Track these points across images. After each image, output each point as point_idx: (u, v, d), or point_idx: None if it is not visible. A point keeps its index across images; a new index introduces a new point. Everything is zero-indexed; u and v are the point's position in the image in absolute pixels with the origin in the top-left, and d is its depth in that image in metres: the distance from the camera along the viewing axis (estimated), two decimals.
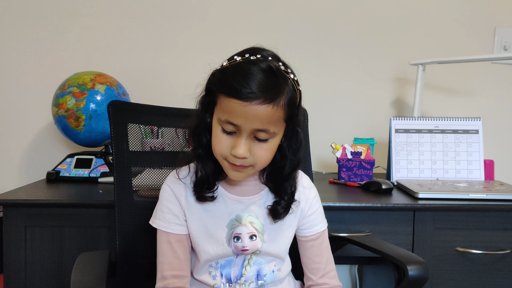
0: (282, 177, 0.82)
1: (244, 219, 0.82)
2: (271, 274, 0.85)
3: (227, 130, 0.73)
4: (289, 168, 0.81)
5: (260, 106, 0.70)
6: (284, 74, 0.73)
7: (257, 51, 0.75)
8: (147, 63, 1.71)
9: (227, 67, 0.74)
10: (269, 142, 0.75)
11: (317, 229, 0.89)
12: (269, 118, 0.71)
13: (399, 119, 1.50)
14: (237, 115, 0.70)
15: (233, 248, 0.82)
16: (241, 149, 0.72)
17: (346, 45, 1.74)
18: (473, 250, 1.16)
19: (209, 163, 0.81)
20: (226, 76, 0.72)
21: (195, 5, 1.70)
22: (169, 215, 0.83)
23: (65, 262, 1.14)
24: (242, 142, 0.72)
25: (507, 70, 1.76)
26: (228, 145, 0.74)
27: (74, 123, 1.37)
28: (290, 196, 0.84)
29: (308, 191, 0.89)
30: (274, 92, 0.71)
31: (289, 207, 0.84)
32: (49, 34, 1.67)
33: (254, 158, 0.74)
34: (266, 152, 0.75)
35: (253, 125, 0.71)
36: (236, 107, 0.70)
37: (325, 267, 0.89)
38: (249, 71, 0.71)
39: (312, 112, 1.16)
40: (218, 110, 0.74)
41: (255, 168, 0.77)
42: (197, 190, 0.81)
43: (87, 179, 1.38)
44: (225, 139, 0.74)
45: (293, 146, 0.80)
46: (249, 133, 0.72)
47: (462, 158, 1.47)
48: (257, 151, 0.74)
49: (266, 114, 0.70)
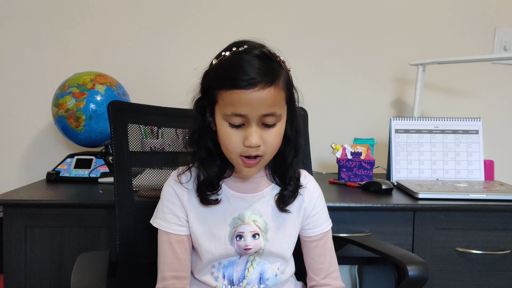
0: (286, 164, 0.82)
1: (247, 218, 0.82)
2: (273, 278, 0.84)
3: (235, 123, 0.73)
4: (292, 153, 0.82)
5: (263, 90, 0.71)
6: (276, 57, 0.75)
7: (242, 43, 0.76)
8: (147, 63, 1.71)
9: (221, 62, 0.74)
10: (277, 126, 0.75)
11: (321, 229, 0.89)
12: (274, 101, 0.72)
13: (399, 120, 1.50)
14: (243, 104, 0.71)
15: (235, 247, 0.81)
16: (254, 138, 0.73)
17: (346, 45, 1.74)
18: (473, 250, 1.16)
19: (212, 166, 0.80)
20: (223, 70, 0.73)
21: (196, 6, 1.70)
22: (170, 215, 0.82)
23: (65, 262, 1.14)
24: (253, 130, 0.73)
25: (507, 70, 1.76)
26: (240, 139, 0.74)
27: (74, 123, 1.38)
28: (295, 181, 0.84)
29: (313, 189, 0.89)
30: (272, 74, 0.72)
31: (296, 190, 0.84)
32: (49, 34, 1.67)
33: (265, 145, 0.75)
34: (276, 137, 0.76)
35: (260, 111, 0.72)
36: (240, 97, 0.70)
37: (328, 267, 0.89)
38: (244, 60, 0.72)
39: (312, 112, 1.16)
40: (221, 107, 0.74)
41: (265, 157, 0.77)
42: (200, 193, 0.81)
43: (87, 180, 1.38)
44: (235, 134, 0.74)
45: (295, 128, 0.81)
46: (258, 120, 0.73)
47: (462, 158, 1.47)
48: (267, 137, 0.74)
49: (270, 97, 0.72)
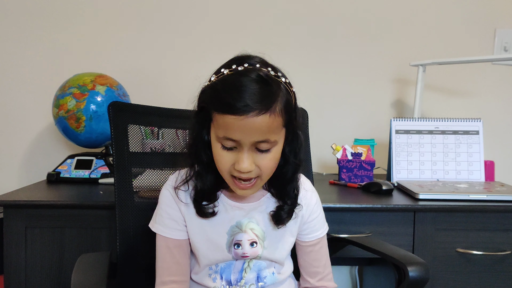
0: (285, 180, 0.80)
1: (244, 226, 0.81)
2: (271, 276, 0.85)
3: (227, 146, 0.71)
4: (292, 170, 0.79)
5: (257, 117, 0.67)
6: (276, 80, 0.71)
7: (243, 59, 0.72)
8: (147, 64, 1.71)
9: (216, 82, 0.71)
10: (271, 151, 0.73)
11: (317, 235, 0.88)
12: (268, 128, 0.69)
13: (399, 120, 1.50)
14: (235, 130, 0.68)
15: (233, 255, 0.81)
16: (245, 163, 0.70)
17: (346, 46, 1.74)
18: (473, 251, 1.16)
19: (208, 178, 0.79)
20: (217, 93, 0.69)
21: (196, 7, 1.70)
22: (168, 220, 0.82)
23: (66, 263, 1.14)
24: (245, 156, 0.70)
25: (507, 71, 1.76)
26: (231, 161, 0.72)
27: (75, 124, 1.38)
28: (293, 200, 0.82)
29: (310, 196, 0.87)
30: (268, 100, 0.68)
31: (292, 211, 0.82)
32: (50, 35, 1.67)
33: (259, 169, 0.72)
34: (270, 162, 0.73)
35: (252, 138, 0.69)
36: (232, 123, 0.68)
37: (324, 270, 0.89)
38: (239, 84, 0.68)
39: (312, 113, 1.16)
40: (215, 127, 0.72)
41: (262, 178, 0.74)
42: (197, 205, 0.80)
43: (88, 180, 1.38)
44: (227, 156, 0.72)
45: (295, 149, 0.78)
46: (250, 146, 0.70)
47: (462, 159, 1.47)
48: (260, 161, 0.72)
49: (264, 124, 0.68)
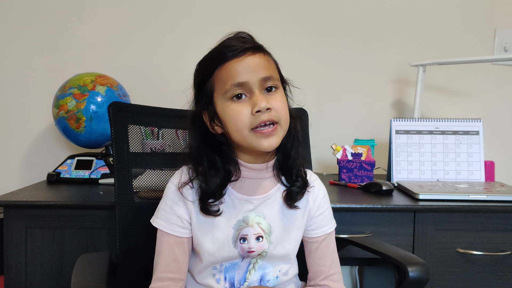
0: (291, 158, 0.82)
1: (251, 220, 0.81)
2: (274, 280, 0.84)
3: (237, 93, 0.74)
4: (296, 146, 0.82)
5: (254, 56, 0.75)
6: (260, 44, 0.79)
7: None
8: (147, 64, 1.71)
9: (207, 53, 0.79)
10: (278, 93, 0.77)
11: (324, 230, 0.88)
12: (267, 64, 0.76)
13: (399, 120, 1.50)
14: (240, 72, 0.74)
15: (239, 250, 0.81)
16: (262, 100, 0.73)
17: (346, 46, 1.74)
18: (473, 251, 1.16)
19: (213, 179, 0.79)
20: (211, 54, 0.78)
21: (197, 7, 1.70)
22: (172, 216, 0.81)
23: (66, 264, 1.14)
24: (258, 95, 0.74)
25: (507, 71, 1.76)
26: (247, 111, 0.74)
27: (75, 124, 1.38)
28: (303, 177, 0.84)
29: (317, 191, 0.88)
30: (257, 44, 0.78)
31: (304, 187, 0.84)
32: (50, 35, 1.67)
33: (275, 111, 0.75)
34: (281, 103, 0.76)
35: (258, 74, 0.74)
36: (236, 66, 0.74)
37: (328, 270, 0.88)
38: (231, 40, 0.77)
39: (312, 113, 1.16)
40: (220, 87, 0.76)
41: (280, 124, 0.76)
42: (202, 203, 0.80)
43: (88, 181, 1.38)
44: (242, 108, 0.74)
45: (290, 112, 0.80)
46: (259, 86, 0.74)
47: (462, 159, 1.47)
48: (273, 102, 0.75)
49: (262, 61, 0.75)
